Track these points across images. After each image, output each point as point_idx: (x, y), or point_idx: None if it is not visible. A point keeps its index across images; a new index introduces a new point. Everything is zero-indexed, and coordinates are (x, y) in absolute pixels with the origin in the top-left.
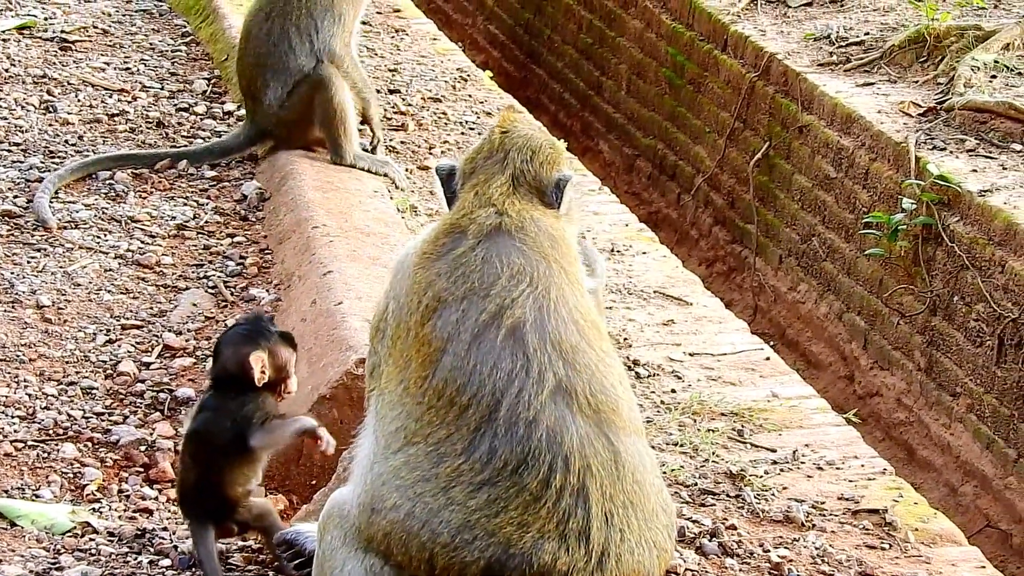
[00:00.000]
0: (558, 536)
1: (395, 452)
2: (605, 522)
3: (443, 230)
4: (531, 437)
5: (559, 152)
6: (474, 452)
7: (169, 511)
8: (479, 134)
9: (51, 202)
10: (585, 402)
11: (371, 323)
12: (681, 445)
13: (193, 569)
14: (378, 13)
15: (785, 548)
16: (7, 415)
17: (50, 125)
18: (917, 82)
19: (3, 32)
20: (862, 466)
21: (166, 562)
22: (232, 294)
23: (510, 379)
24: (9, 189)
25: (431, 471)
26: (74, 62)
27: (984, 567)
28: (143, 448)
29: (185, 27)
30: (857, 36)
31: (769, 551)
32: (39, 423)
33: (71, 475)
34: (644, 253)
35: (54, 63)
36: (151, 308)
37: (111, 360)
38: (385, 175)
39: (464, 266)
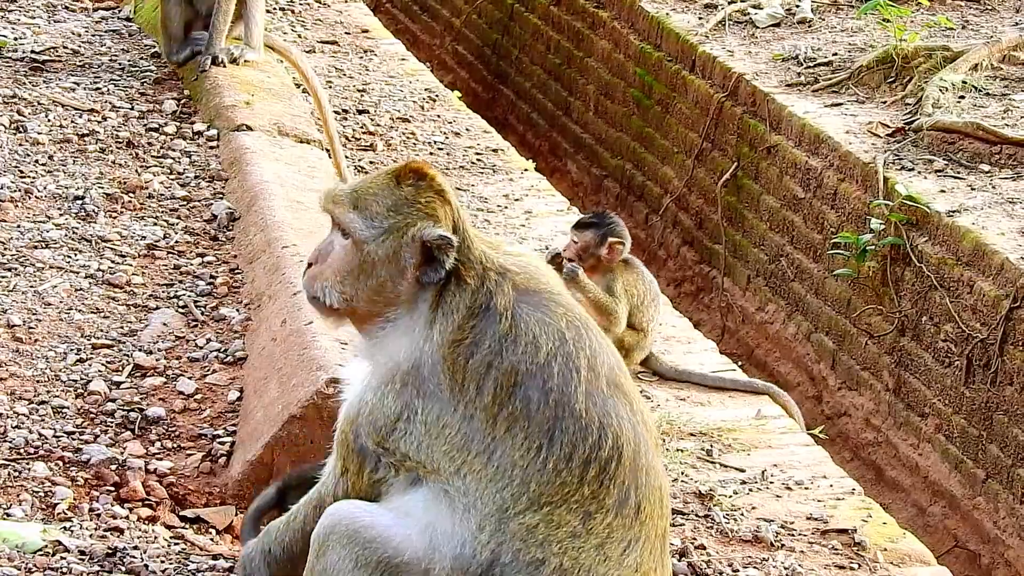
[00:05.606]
0: None
1: (520, 513)
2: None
3: (464, 316)
4: (660, 486)
5: None
6: (623, 508)
7: (140, 530)
8: (448, 154)
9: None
10: (655, 443)
11: (366, 429)
12: None
13: None
14: (346, 34)
15: (754, 568)
16: None
17: (20, 145)
18: (885, 103)
19: None
20: (831, 486)
21: None
22: (202, 313)
23: (632, 427)
24: None
25: (579, 527)
26: (44, 82)
27: None
28: (114, 467)
29: (154, 47)
30: (825, 57)
31: (738, 571)
32: (10, 442)
33: (42, 494)
34: None
35: (24, 83)
36: (121, 327)
37: (82, 379)
38: None
39: (524, 334)
